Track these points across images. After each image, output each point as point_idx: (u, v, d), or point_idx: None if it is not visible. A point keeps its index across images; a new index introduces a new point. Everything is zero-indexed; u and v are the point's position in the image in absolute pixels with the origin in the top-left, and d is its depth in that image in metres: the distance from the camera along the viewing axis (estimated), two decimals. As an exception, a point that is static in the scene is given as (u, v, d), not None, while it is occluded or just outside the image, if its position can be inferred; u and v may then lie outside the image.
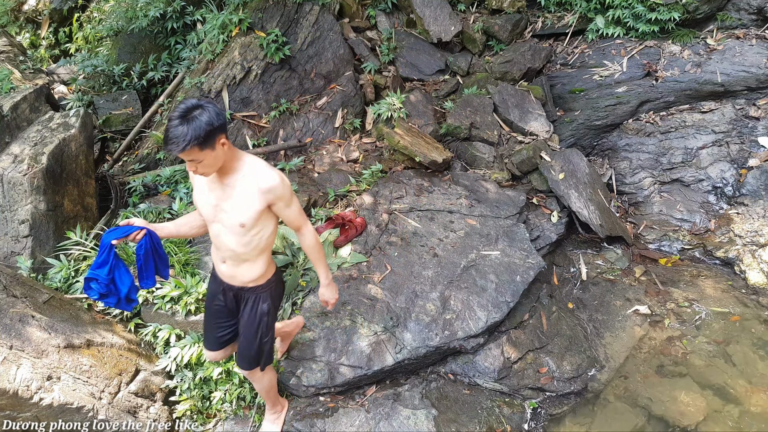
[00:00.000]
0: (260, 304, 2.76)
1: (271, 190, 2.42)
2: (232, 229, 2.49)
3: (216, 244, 2.62)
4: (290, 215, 2.57)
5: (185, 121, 2.16)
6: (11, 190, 3.91)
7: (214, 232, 2.57)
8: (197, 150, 2.20)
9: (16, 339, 2.99)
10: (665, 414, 3.54)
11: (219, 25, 5.48)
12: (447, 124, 5.45)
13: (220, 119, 2.24)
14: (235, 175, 2.43)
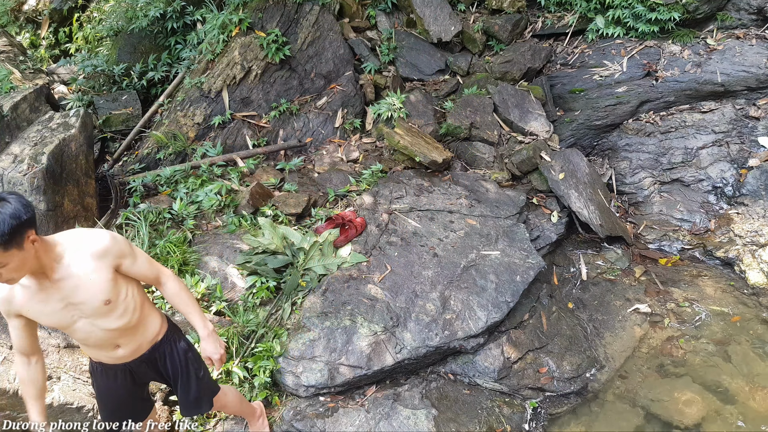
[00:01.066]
0: (177, 345, 2.53)
1: (107, 252, 2.12)
2: (101, 312, 2.17)
3: (96, 342, 2.28)
4: (141, 269, 2.27)
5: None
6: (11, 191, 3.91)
7: (85, 331, 2.21)
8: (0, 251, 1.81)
9: (16, 339, 2.99)
10: (665, 414, 3.54)
11: (219, 25, 5.48)
12: (447, 124, 5.45)
13: (29, 211, 1.87)
14: (62, 263, 2.05)
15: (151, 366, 2.50)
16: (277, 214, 4.59)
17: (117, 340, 2.31)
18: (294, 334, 3.68)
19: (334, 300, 3.86)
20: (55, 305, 2.11)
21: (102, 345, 2.31)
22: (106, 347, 2.33)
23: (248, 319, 3.70)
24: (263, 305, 3.89)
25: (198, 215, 4.62)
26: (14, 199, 1.86)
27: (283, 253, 4.12)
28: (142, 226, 4.19)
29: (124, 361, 2.42)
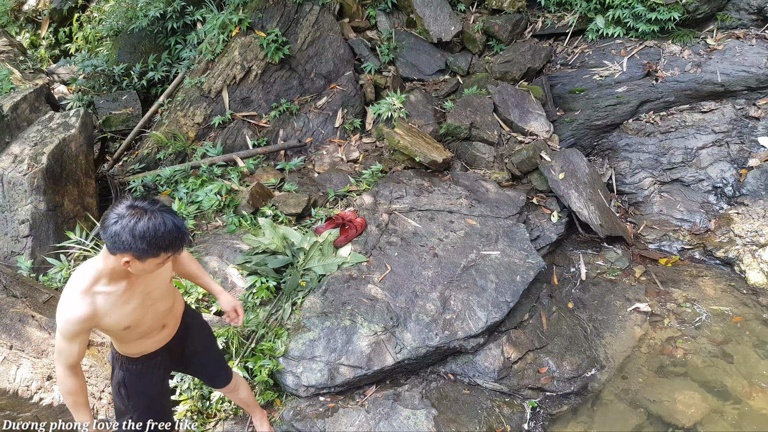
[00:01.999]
0: (198, 317, 2.73)
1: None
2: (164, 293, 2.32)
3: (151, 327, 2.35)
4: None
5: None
6: (11, 190, 3.91)
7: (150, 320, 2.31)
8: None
9: (16, 339, 2.99)
10: (665, 414, 3.54)
11: (219, 25, 5.49)
12: (447, 124, 5.45)
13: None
14: None
15: (180, 341, 2.58)
16: (277, 214, 4.59)
17: (164, 319, 2.41)
18: (294, 334, 3.68)
19: (334, 300, 3.86)
20: (136, 300, 2.19)
21: (155, 328, 2.39)
22: (157, 329, 2.40)
23: (248, 319, 3.70)
24: (263, 305, 3.89)
25: (198, 215, 4.62)
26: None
27: (283, 253, 4.12)
28: (142, 226, 4.19)
29: (166, 342, 2.49)
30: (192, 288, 3.74)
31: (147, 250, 1.94)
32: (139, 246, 1.92)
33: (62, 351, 2.19)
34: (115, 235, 1.91)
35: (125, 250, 1.94)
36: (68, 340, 2.15)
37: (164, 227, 1.93)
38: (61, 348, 2.18)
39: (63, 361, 2.20)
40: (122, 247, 1.93)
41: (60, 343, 2.18)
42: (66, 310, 2.10)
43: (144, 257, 1.98)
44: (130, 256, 1.96)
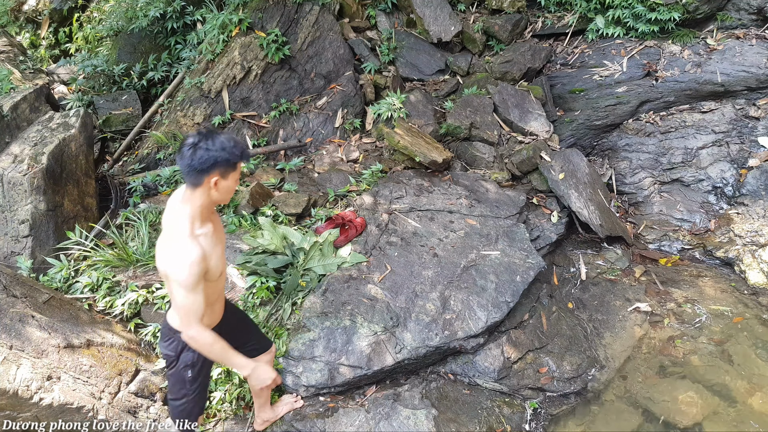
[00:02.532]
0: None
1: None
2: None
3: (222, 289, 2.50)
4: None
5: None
6: (11, 190, 3.91)
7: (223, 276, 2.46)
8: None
9: (16, 339, 2.99)
10: (665, 414, 3.54)
11: (219, 25, 5.49)
12: (447, 124, 5.45)
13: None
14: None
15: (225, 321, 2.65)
16: (277, 214, 4.59)
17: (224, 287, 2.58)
18: (294, 334, 3.68)
19: (334, 300, 3.86)
20: (220, 247, 2.33)
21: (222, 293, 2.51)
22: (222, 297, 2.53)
23: (248, 319, 3.70)
24: (263, 305, 3.89)
25: (198, 215, 4.61)
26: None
27: (283, 253, 4.12)
28: (142, 226, 4.19)
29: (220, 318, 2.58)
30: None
31: (228, 160, 2.15)
32: (223, 157, 2.13)
33: (190, 306, 2.21)
34: (201, 157, 2.11)
35: (213, 168, 2.14)
36: (192, 289, 2.19)
37: (232, 139, 2.18)
38: (188, 303, 2.20)
39: (194, 316, 2.23)
40: (209, 165, 2.13)
41: (185, 298, 2.19)
42: (183, 257, 2.16)
43: (227, 171, 2.18)
44: (217, 173, 2.16)
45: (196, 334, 2.26)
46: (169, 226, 2.28)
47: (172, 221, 2.26)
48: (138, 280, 3.79)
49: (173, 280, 2.19)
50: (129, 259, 3.91)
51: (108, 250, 3.95)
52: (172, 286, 2.23)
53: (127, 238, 4.16)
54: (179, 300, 2.21)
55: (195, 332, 2.26)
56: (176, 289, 2.20)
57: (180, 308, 2.24)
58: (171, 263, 2.18)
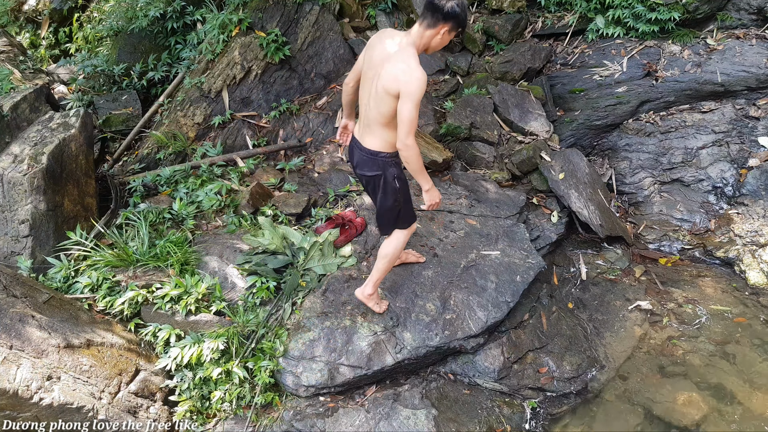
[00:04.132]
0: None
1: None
2: None
3: None
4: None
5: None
6: (11, 190, 3.91)
7: None
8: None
9: (16, 339, 2.99)
10: (665, 414, 3.54)
11: (219, 25, 5.48)
12: (447, 124, 5.45)
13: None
14: None
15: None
16: (277, 214, 4.59)
17: None
18: (294, 334, 3.69)
19: (334, 300, 3.86)
20: None
21: None
22: None
23: (248, 319, 3.70)
24: (263, 305, 3.89)
25: (198, 215, 4.62)
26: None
27: (283, 253, 4.12)
28: (142, 226, 4.19)
29: None
30: (192, 288, 3.74)
31: (461, 22, 2.73)
32: (461, 17, 2.71)
33: (413, 120, 2.70)
34: (450, 7, 2.66)
35: (451, 19, 2.70)
36: (417, 105, 2.69)
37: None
38: (413, 117, 2.70)
39: (413, 128, 2.73)
40: (452, 15, 2.69)
41: (412, 112, 2.69)
42: (418, 76, 2.65)
43: (454, 29, 2.76)
44: (448, 26, 2.73)
45: (411, 142, 2.76)
46: (393, 55, 2.77)
47: (401, 51, 2.75)
48: (138, 280, 3.79)
49: (405, 94, 2.66)
50: (129, 259, 3.92)
51: (108, 250, 3.95)
52: (402, 101, 2.69)
53: (127, 238, 4.16)
54: (406, 113, 2.69)
55: (411, 141, 2.76)
56: (406, 103, 2.68)
57: (405, 119, 2.70)
58: (406, 80, 2.66)
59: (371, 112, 2.95)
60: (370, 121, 2.99)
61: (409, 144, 2.76)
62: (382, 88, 2.78)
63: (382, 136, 2.98)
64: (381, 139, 2.99)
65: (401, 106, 2.70)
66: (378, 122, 2.93)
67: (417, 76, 2.65)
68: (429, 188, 3.04)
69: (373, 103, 2.91)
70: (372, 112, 2.94)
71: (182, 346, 3.52)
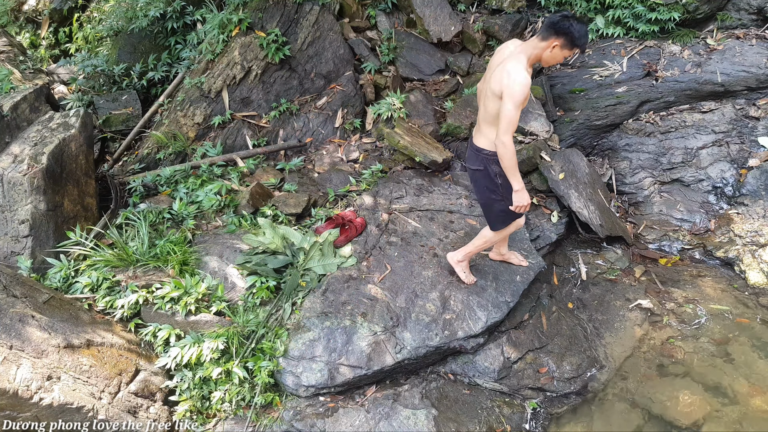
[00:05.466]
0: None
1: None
2: None
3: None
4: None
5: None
6: (11, 190, 3.91)
7: None
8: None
9: (16, 339, 2.99)
10: (665, 414, 3.54)
11: (219, 25, 5.49)
12: (447, 124, 5.45)
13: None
14: None
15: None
16: (277, 214, 4.59)
17: None
18: (294, 334, 3.69)
19: (334, 300, 3.86)
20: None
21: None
22: None
23: (248, 319, 3.70)
24: (263, 305, 3.89)
25: (198, 215, 4.62)
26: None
27: (283, 253, 4.12)
28: (142, 226, 4.19)
29: None
30: (192, 288, 3.74)
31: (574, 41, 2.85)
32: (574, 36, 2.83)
33: (513, 120, 2.93)
34: (564, 24, 2.81)
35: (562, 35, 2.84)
36: (517, 107, 2.91)
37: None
38: (512, 117, 2.92)
39: (512, 127, 2.95)
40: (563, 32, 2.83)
41: (512, 112, 2.91)
42: (521, 79, 2.89)
43: (565, 46, 2.89)
44: (561, 42, 2.86)
45: (508, 141, 2.96)
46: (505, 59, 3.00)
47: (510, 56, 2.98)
48: (138, 280, 3.79)
49: (507, 95, 2.89)
50: (129, 259, 3.92)
51: (108, 250, 3.95)
52: (503, 101, 2.91)
53: (127, 238, 4.17)
54: (506, 111, 2.91)
55: (508, 139, 2.96)
56: (507, 104, 2.90)
57: (505, 118, 2.92)
58: (510, 82, 2.88)
59: (481, 110, 3.23)
60: (479, 120, 3.27)
61: (506, 142, 2.97)
62: (490, 89, 3.04)
63: (487, 134, 3.21)
64: (485, 137, 3.23)
65: (503, 105, 2.93)
66: (485, 120, 3.19)
67: (519, 80, 2.87)
68: (519, 189, 3.19)
69: (482, 102, 3.19)
70: (481, 111, 3.22)
71: (182, 346, 3.53)
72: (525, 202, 3.25)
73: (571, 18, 2.85)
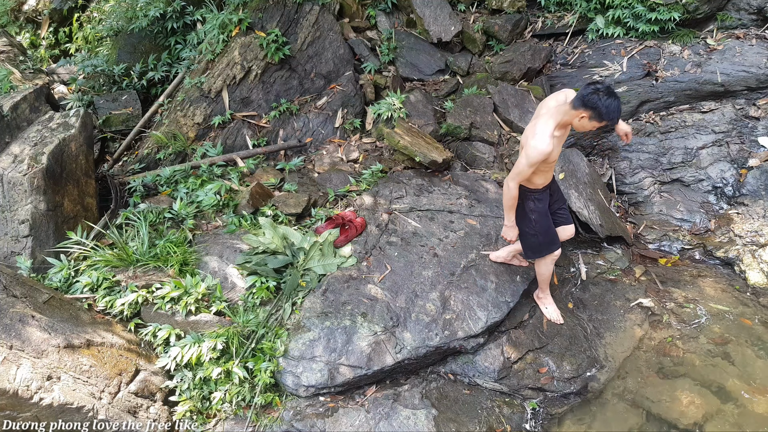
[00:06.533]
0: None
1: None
2: None
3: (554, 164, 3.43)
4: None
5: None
6: (11, 190, 3.91)
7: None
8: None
9: (16, 339, 2.99)
10: (665, 414, 3.54)
11: (219, 25, 5.49)
12: (447, 124, 5.45)
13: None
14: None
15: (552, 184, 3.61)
16: (277, 214, 4.59)
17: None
18: (294, 334, 3.69)
19: (334, 300, 3.86)
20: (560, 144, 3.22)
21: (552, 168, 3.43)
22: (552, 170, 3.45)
23: (248, 319, 3.70)
24: (263, 305, 3.89)
25: (198, 215, 4.62)
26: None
27: (283, 253, 4.12)
28: (142, 226, 4.19)
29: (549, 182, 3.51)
30: (192, 288, 3.74)
31: (601, 116, 2.92)
32: (600, 111, 2.90)
33: (523, 172, 3.23)
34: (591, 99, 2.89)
35: (589, 109, 2.93)
36: (530, 165, 3.16)
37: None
38: (523, 170, 3.22)
39: (519, 177, 3.27)
40: (589, 107, 2.92)
41: (524, 166, 3.20)
42: (540, 144, 3.07)
43: (594, 119, 2.96)
44: (589, 114, 2.95)
45: (513, 186, 3.32)
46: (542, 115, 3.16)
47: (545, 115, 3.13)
48: (138, 280, 3.79)
49: (525, 152, 3.16)
50: (129, 259, 3.92)
51: (108, 250, 3.95)
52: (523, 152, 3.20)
53: (127, 238, 4.16)
54: (520, 164, 3.22)
55: (513, 185, 3.32)
56: (523, 158, 3.19)
57: (517, 167, 3.25)
58: (532, 142, 3.10)
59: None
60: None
61: (510, 186, 3.32)
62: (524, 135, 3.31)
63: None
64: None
65: (520, 155, 3.25)
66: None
67: (538, 146, 3.08)
68: (508, 225, 3.55)
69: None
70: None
71: (182, 346, 3.53)
72: (510, 238, 3.59)
73: (602, 92, 2.90)
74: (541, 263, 3.81)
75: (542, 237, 3.61)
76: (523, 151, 3.21)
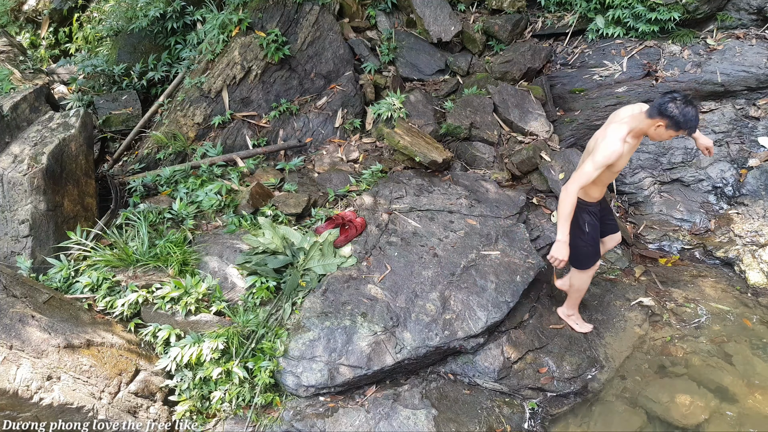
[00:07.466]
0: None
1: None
2: None
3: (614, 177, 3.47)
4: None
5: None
6: (11, 190, 3.91)
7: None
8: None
9: (16, 339, 2.99)
10: (665, 414, 3.54)
11: (219, 25, 5.48)
12: (447, 124, 5.45)
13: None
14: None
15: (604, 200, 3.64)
16: (277, 214, 4.59)
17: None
18: (294, 334, 3.69)
19: (334, 300, 3.86)
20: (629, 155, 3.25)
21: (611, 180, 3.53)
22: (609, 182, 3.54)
23: (248, 319, 3.70)
24: (263, 305, 3.89)
25: (198, 215, 4.62)
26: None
27: (283, 253, 4.12)
28: (141, 226, 4.19)
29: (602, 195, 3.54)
30: (192, 288, 3.74)
31: (678, 125, 2.93)
32: (677, 119, 2.91)
33: (588, 174, 3.16)
34: (668, 107, 2.91)
35: (666, 118, 2.94)
36: (597, 168, 3.14)
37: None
38: (589, 174, 3.16)
39: (582, 182, 3.19)
40: (666, 115, 2.93)
41: (590, 167, 3.15)
42: (612, 144, 3.07)
43: (671, 128, 2.97)
44: (665, 122, 2.96)
45: (573, 191, 3.19)
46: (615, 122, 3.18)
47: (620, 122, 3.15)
48: (138, 280, 3.79)
49: (595, 153, 3.13)
50: (129, 259, 3.92)
51: (108, 250, 3.95)
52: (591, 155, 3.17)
53: (127, 238, 4.16)
54: (585, 167, 3.18)
55: (573, 189, 3.19)
56: (590, 162, 3.15)
57: (580, 172, 3.21)
58: (604, 143, 3.10)
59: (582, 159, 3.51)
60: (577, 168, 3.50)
61: (570, 191, 3.20)
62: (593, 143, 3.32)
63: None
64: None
65: (588, 159, 3.20)
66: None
67: (610, 146, 3.08)
68: (561, 240, 3.26)
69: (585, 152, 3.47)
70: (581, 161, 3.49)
71: (182, 346, 3.53)
72: (560, 256, 3.27)
73: (680, 101, 2.91)
74: (582, 275, 3.81)
75: (592, 248, 3.66)
76: (590, 156, 3.19)
